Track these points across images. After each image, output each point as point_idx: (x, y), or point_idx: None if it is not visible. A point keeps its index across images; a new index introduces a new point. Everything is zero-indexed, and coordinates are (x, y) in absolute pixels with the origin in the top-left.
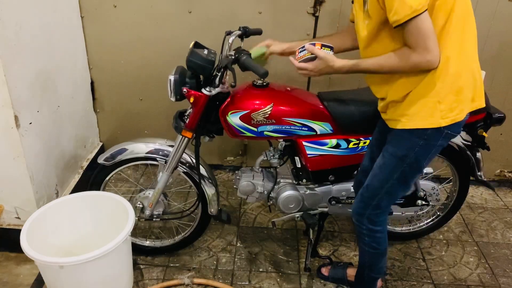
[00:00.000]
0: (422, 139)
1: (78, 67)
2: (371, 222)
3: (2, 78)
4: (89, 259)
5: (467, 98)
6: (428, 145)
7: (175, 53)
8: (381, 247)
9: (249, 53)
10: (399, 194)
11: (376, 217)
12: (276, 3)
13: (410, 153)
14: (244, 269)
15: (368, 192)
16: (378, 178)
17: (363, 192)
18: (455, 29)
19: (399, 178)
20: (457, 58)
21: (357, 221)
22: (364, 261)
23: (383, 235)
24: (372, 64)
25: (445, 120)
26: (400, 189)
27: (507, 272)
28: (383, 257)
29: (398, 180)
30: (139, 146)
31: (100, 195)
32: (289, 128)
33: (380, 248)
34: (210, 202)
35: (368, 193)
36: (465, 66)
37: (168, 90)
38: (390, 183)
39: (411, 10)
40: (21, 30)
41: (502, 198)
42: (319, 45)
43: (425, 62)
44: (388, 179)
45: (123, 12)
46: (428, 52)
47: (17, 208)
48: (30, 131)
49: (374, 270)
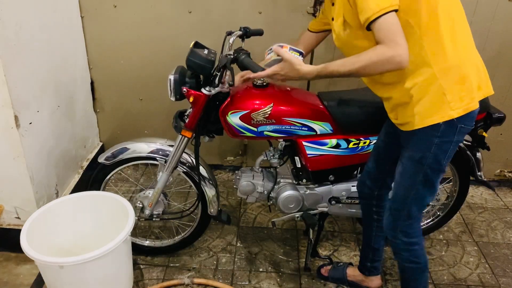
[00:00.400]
0: (436, 137)
1: (78, 67)
2: (406, 234)
3: (2, 78)
4: (89, 259)
5: (474, 86)
6: (444, 142)
7: (175, 53)
8: (421, 260)
9: (248, 53)
10: (428, 199)
11: (410, 228)
12: (276, 3)
13: (427, 154)
14: (244, 269)
15: (396, 203)
16: (402, 186)
17: (391, 205)
18: (444, 22)
19: (423, 182)
20: (453, 49)
21: (391, 237)
22: (406, 278)
23: (420, 247)
24: (343, 64)
25: (456, 111)
26: (427, 193)
27: (507, 272)
28: (426, 272)
29: (423, 184)
30: (140, 146)
31: (100, 195)
32: (289, 128)
33: (421, 262)
34: (210, 202)
35: (396, 204)
36: (465, 55)
37: (168, 89)
38: (415, 188)
39: (378, 8)
40: (21, 30)
41: (502, 198)
42: (287, 47)
43: (397, 56)
44: (412, 185)
45: (123, 12)
46: (399, 46)
47: (17, 208)
48: (30, 131)
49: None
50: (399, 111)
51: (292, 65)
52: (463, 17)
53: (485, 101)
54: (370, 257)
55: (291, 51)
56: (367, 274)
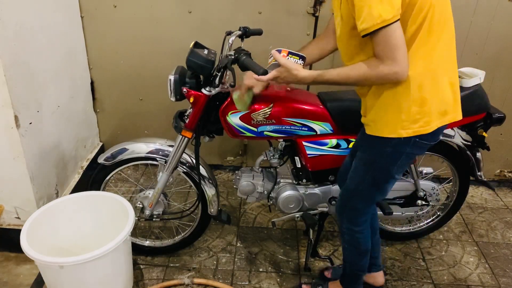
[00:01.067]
0: (389, 147)
1: (78, 67)
2: (350, 222)
3: (2, 78)
4: (89, 259)
5: (434, 110)
6: (397, 153)
7: (175, 53)
8: (361, 247)
9: (248, 53)
10: (376, 198)
11: (355, 218)
12: (276, 3)
13: (378, 159)
14: (244, 269)
15: (346, 193)
16: (353, 180)
17: (342, 192)
18: (423, 39)
19: (370, 182)
20: (422, 69)
21: (338, 219)
22: (345, 257)
23: (362, 235)
24: (338, 74)
25: (406, 131)
26: (374, 193)
27: (507, 272)
28: (364, 256)
29: (370, 185)
30: (139, 146)
31: (100, 195)
32: (289, 128)
33: (360, 248)
34: (210, 202)
35: (346, 194)
36: (431, 77)
37: (168, 90)
38: (362, 186)
39: (380, 20)
40: (21, 30)
41: (502, 198)
42: (286, 52)
43: (392, 74)
44: (360, 182)
45: (123, 12)
46: (396, 63)
47: (17, 208)
48: (30, 131)
49: (355, 267)
50: (368, 110)
51: (288, 70)
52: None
53: (485, 101)
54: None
55: (290, 56)
56: (367, 271)
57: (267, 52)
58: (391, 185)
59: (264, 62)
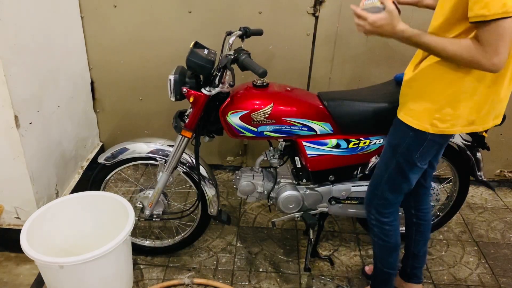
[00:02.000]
0: (412, 131)
1: (78, 67)
2: (379, 212)
3: (2, 78)
4: (89, 259)
5: (465, 118)
6: (419, 139)
7: (175, 53)
8: (391, 240)
9: (248, 53)
10: (402, 187)
11: (383, 208)
12: (276, 3)
13: (401, 143)
14: (244, 269)
15: (374, 181)
16: (379, 167)
17: (371, 181)
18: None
19: (395, 168)
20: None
21: (367, 211)
22: (375, 252)
23: (391, 227)
24: (436, 42)
25: (432, 127)
26: (399, 181)
27: (507, 272)
28: (393, 252)
29: (395, 171)
30: (139, 146)
31: (100, 195)
32: (289, 128)
33: (390, 241)
34: (210, 202)
35: (374, 182)
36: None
37: (168, 90)
38: (388, 172)
39: (502, 10)
40: (21, 30)
41: (502, 198)
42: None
43: (489, 64)
44: (386, 168)
45: (123, 12)
46: (497, 55)
47: (17, 208)
48: (30, 131)
49: (384, 264)
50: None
51: (392, 18)
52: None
53: None
54: (410, 263)
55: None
56: (406, 279)
57: (267, 52)
58: (416, 175)
59: (264, 62)
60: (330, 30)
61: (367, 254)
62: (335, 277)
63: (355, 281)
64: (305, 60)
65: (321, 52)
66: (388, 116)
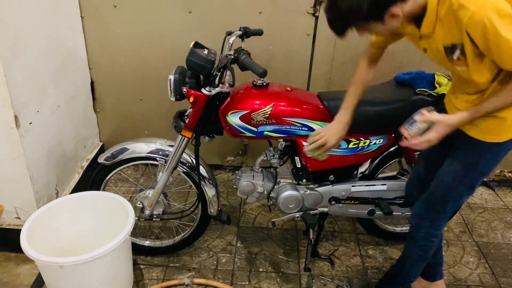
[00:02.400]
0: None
1: (78, 67)
2: (434, 226)
3: (2, 78)
4: (89, 259)
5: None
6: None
7: (175, 53)
8: (430, 251)
9: (248, 53)
10: (465, 199)
11: (440, 220)
12: (276, 3)
13: (481, 161)
14: (244, 269)
15: (434, 198)
16: (445, 185)
17: (427, 198)
18: None
19: (468, 185)
20: None
21: (416, 224)
22: (406, 261)
23: (438, 239)
24: (494, 105)
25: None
26: (467, 195)
27: (507, 272)
28: (425, 262)
29: (467, 187)
30: (139, 146)
31: (100, 195)
32: (289, 128)
33: (429, 253)
34: (210, 202)
35: (434, 199)
36: None
37: (168, 90)
38: (458, 189)
39: None
40: (21, 30)
41: (502, 198)
42: (425, 111)
43: None
44: (456, 186)
45: (123, 12)
46: None
47: (17, 208)
48: (30, 131)
49: (414, 274)
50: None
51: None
52: None
53: None
54: (431, 262)
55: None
56: (432, 280)
57: (267, 52)
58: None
59: (264, 62)
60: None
61: (367, 254)
62: (335, 277)
63: (355, 281)
64: (305, 60)
65: (321, 52)
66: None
